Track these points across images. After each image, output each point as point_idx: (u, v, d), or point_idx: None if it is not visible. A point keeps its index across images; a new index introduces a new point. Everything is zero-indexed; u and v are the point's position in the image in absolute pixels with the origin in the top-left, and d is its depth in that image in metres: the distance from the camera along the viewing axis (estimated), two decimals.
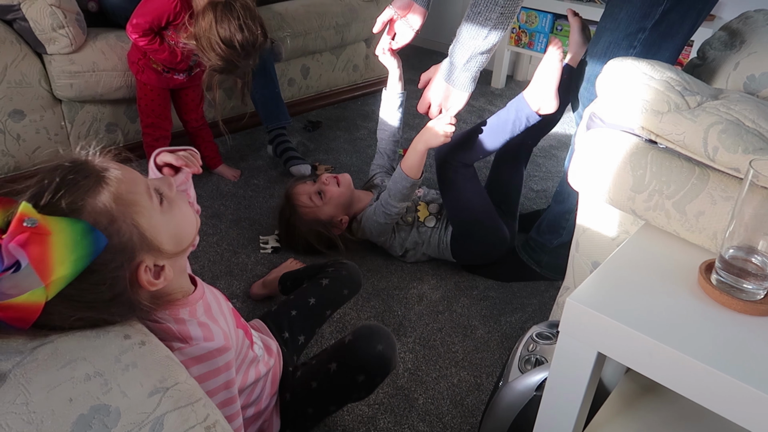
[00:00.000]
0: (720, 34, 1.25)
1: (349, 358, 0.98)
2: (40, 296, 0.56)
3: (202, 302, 0.80)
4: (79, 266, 0.58)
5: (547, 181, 2.12)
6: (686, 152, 0.81)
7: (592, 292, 0.72)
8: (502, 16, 1.17)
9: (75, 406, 0.52)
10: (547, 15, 2.78)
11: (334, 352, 1.01)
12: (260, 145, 2.26)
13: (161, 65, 1.73)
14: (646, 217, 0.85)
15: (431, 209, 1.62)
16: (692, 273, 0.76)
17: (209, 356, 0.75)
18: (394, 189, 1.48)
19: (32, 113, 1.80)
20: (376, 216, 1.53)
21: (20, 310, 0.55)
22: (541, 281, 1.59)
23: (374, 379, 0.99)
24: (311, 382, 1.00)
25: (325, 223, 1.58)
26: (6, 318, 0.56)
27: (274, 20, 2.25)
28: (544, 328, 1.00)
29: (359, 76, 2.79)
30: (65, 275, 0.57)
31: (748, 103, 0.81)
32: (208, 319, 0.79)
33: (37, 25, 1.68)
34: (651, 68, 0.86)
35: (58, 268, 0.56)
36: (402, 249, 1.60)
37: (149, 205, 0.68)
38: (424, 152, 1.46)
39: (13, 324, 0.56)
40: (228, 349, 0.78)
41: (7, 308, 0.55)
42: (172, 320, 0.74)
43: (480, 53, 1.24)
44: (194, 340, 0.74)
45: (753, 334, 0.67)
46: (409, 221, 1.59)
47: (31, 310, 0.56)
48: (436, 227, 1.59)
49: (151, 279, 0.67)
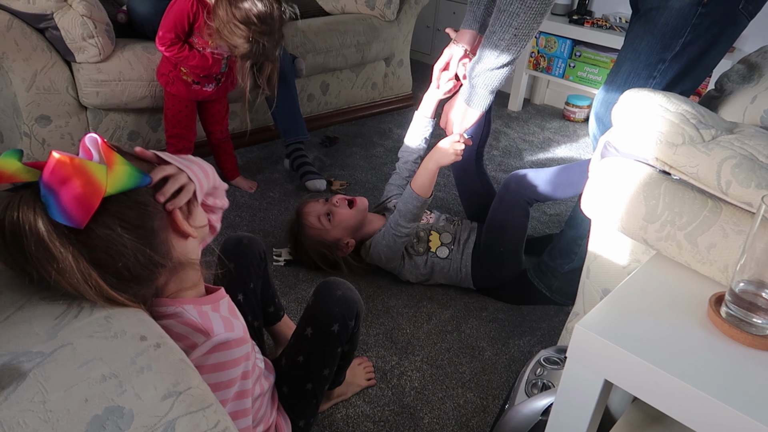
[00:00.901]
0: (738, 67, 1.26)
1: (317, 316, 1.03)
2: (103, 175, 0.63)
3: (226, 301, 0.84)
4: (131, 181, 0.66)
5: (560, 206, 2.13)
6: (699, 185, 0.82)
7: (601, 319, 0.73)
8: (515, 38, 1.20)
9: (90, 406, 0.54)
10: (566, 41, 2.81)
11: (305, 320, 1.05)
12: (277, 158, 2.29)
13: (192, 76, 1.76)
14: (657, 247, 0.86)
15: (443, 239, 1.60)
16: (702, 305, 0.76)
17: (230, 345, 0.77)
18: (404, 209, 1.49)
19: (58, 119, 1.84)
20: (385, 240, 1.53)
21: (87, 180, 0.61)
22: (551, 306, 1.58)
23: (347, 323, 1.03)
24: (297, 357, 1.03)
25: (330, 245, 1.58)
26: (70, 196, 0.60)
27: (297, 37, 2.29)
28: (552, 353, 1.00)
29: (378, 94, 2.82)
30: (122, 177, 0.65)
31: (762, 138, 0.81)
32: (230, 314, 0.82)
33: (68, 34, 1.73)
34: (667, 100, 0.87)
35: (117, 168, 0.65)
36: (414, 278, 1.60)
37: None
38: (436, 171, 1.47)
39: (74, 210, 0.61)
40: (247, 341, 0.81)
41: (77, 172, 0.61)
42: (196, 313, 0.76)
43: (489, 70, 1.26)
44: (215, 332, 0.76)
45: (761, 368, 0.67)
46: (421, 251, 1.58)
47: (95, 187, 0.62)
48: (449, 258, 1.58)
49: (186, 225, 0.74)
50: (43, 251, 0.61)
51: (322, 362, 1.04)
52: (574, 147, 2.67)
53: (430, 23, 3.62)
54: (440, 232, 1.62)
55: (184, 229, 0.74)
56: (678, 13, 1.21)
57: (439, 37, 3.64)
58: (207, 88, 1.81)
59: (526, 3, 1.15)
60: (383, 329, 1.45)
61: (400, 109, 2.93)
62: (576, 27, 2.74)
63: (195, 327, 0.75)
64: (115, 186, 0.64)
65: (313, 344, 1.03)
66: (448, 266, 1.58)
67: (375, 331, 1.44)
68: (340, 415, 1.20)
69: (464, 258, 1.57)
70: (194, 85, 1.79)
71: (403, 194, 1.52)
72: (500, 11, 1.19)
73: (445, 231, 1.63)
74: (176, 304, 0.75)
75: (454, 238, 1.61)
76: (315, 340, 1.03)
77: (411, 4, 2.71)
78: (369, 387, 1.27)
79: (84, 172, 0.61)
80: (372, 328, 1.45)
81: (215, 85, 1.83)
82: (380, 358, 1.35)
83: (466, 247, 1.59)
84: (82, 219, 0.61)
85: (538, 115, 3.04)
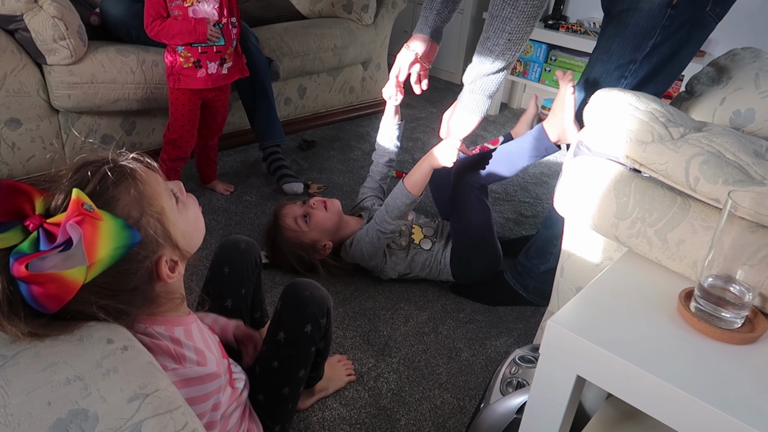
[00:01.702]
0: (708, 69, 1.28)
1: (288, 320, 1.02)
2: (81, 275, 0.60)
3: (197, 326, 0.82)
4: (117, 255, 0.62)
5: (536, 207, 2.15)
6: (669, 182, 0.83)
7: (573, 315, 0.73)
8: (509, 42, 1.21)
9: (53, 409, 0.53)
10: (541, 45, 2.84)
11: (276, 324, 1.03)
12: (254, 161, 2.27)
13: (190, 53, 1.68)
14: (629, 244, 0.87)
15: (426, 232, 1.63)
16: (672, 300, 0.77)
17: (201, 380, 0.76)
18: (392, 205, 1.49)
19: (29, 122, 1.81)
20: (368, 236, 1.54)
21: (61, 284, 0.59)
22: (527, 306, 1.59)
23: (319, 321, 1.03)
24: (272, 363, 1.01)
25: (308, 247, 1.57)
26: (43, 293, 0.58)
27: (273, 40, 2.28)
28: (527, 351, 1.00)
29: (355, 98, 2.82)
30: (105, 261, 0.61)
31: (729, 136, 0.83)
32: (203, 345, 0.80)
33: (38, 35, 1.70)
34: (636, 99, 0.89)
35: (102, 252, 0.61)
36: (395, 273, 1.61)
37: (169, 203, 0.74)
38: (429, 171, 1.48)
39: (45, 302, 0.59)
40: (219, 375, 0.80)
41: (50, 280, 0.58)
42: (168, 338, 0.75)
43: (485, 75, 1.27)
44: (188, 362, 0.75)
45: (730, 362, 0.68)
46: (403, 245, 1.59)
47: (70, 288, 0.59)
48: (432, 250, 1.60)
49: (168, 272, 0.72)
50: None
51: (297, 364, 1.03)
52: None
53: (407, 28, 3.64)
54: (422, 226, 1.65)
55: (165, 277, 0.72)
56: (648, 15, 1.23)
57: None
58: (211, 69, 1.73)
59: (518, 7, 1.15)
60: (360, 331, 1.44)
61: (377, 113, 2.93)
62: (551, 32, 2.78)
63: (167, 351, 0.74)
64: (95, 274, 0.61)
65: (287, 348, 1.02)
66: (430, 258, 1.59)
67: (352, 334, 1.43)
68: (316, 417, 1.19)
69: (445, 251, 1.59)
70: (199, 69, 1.71)
71: (393, 190, 1.52)
72: (493, 17, 1.20)
73: (427, 226, 1.65)
74: (147, 323, 0.74)
75: (437, 232, 1.63)
76: (289, 343, 1.01)
77: (388, 8, 2.71)
78: (346, 388, 1.26)
79: (59, 279, 0.59)
80: (349, 331, 1.44)
81: (219, 64, 1.74)
82: (357, 360, 1.34)
83: (448, 242, 1.61)
84: (53, 310, 0.60)
85: (515, 118, 3.07)
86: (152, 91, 1.96)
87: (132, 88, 1.91)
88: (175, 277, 0.73)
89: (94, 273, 0.61)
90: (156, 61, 1.94)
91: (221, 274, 1.12)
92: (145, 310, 0.73)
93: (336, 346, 1.38)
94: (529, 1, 1.14)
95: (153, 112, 2.08)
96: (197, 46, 1.69)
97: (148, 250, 0.69)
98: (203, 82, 1.74)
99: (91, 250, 0.60)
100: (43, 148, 1.86)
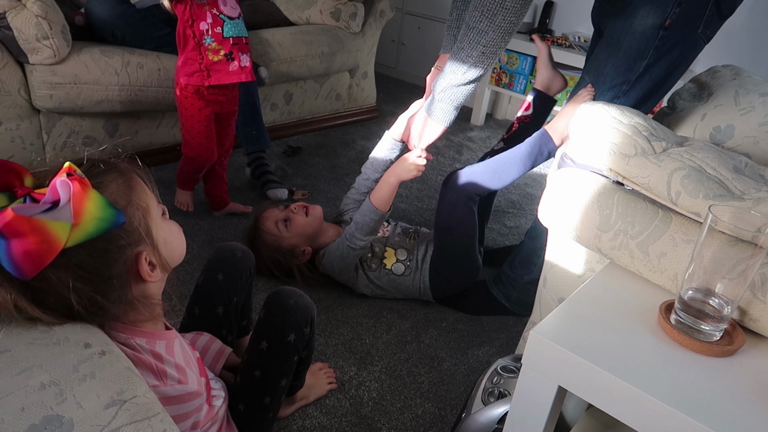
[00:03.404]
0: (689, 86, 1.31)
1: (271, 329, 1.01)
2: (65, 233, 0.59)
3: (179, 342, 0.81)
4: (101, 227, 0.62)
5: (520, 218, 2.16)
6: (651, 195, 0.84)
7: (555, 325, 0.74)
8: (483, 55, 1.21)
9: (26, 415, 0.51)
10: (527, 57, 2.87)
11: (258, 334, 1.02)
12: (238, 166, 2.26)
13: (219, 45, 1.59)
14: (611, 256, 0.87)
15: (399, 255, 1.58)
16: (653, 312, 0.78)
17: (182, 399, 0.75)
18: (361, 221, 1.48)
19: (9, 121, 1.78)
20: (339, 251, 1.52)
21: (43, 239, 0.58)
22: (510, 316, 1.60)
23: (303, 330, 1.02)
24: (254, 372, 1.00)
25: (285, 251, 1.56)
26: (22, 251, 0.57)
27: (261, 45, 2.28)
28: (509, 362, 1.01)
29: (341, 105, 2.82)
30: (88, 228, 0.61)
31: (710, 151, 0.84)
32: (184, 362, 0.79)
33: (21, 34, 1.67)
34: (620, 113, 0.90)
35: (87, 216, 0.60)
36: (370, 291, 1.58)
37: (155, 205, 0.75)
38: (396, 185, 1.47)
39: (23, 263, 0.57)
40: (200, 394, 0.79)
41: (33, 231, 0.57)
42: (149, 352, 0.73)
43: (456, 86, 1.27)
44: (169, 379, 0.74)
45: (708, 374, 0.69)
46: (373, 267, 1.56)
47: (51, 245, 0.58)
48: (406, 275, 1.57)
49: (147, 270, 0.71)
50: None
51: (279, 374, 1.01)
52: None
53: (395, 37, 3.66)
54: (395, 248, 1.60)
55: (145, 276, 0.71)
56: (641, 36, 1.25)
57: (404, 51, 3.67)
58: (244, 61, 1.65)
59: (495, 22, 1.16)
60: (342, 339, 1.43)
61: (363, 121, 2.93)
62: None
63: (149, 366, 0.72)
64: (77, 239, 0.61)
65: (269, 357, 1.00)
66: (405, 282, 1.57)
67: (334, 342, 1.42)
68: (296, 426, 1.17)
69: (423, 273, 1.56)
70: (231, 62, 1.62)
71: (361, 206, 1.51)
72: (469, 28, 1.20)
73: (401, 246, 1.60)
74: (128, 333, 0.72)
75: (410, 254, 1.59)
76: (271, 352, 1.00)
77: (376, 17, 2.72)
78: (327, 397, 1.25)
79: (42, 230, 0.58)
80: (331, 339, 1.43)
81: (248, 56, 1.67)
82: (338, 369, 1.33)
83: (424, 262, 1.57)
84: (29, 273, 0.59)
85: (500, 129, 3.09)
86: (136, 93, 1.94)
87: (116, 89, 1.89)
88: (153, 278, 0.72)
89: (76, 237, 0.60)
90: (141, 63, 1.93)
91: (215, 281, 1.10)
92: (120, 313, 0.71)
93: (318, 353, 1.37)
94: (506, 17, 1.15)
95: (137, 114, 2.06)
96: (229, 37, 1.61)
97: (130, 239, 0.68)
98: (237, 76, 1.66)
99: (78, 209, 0.60)
100: (23, 148, 1.83)
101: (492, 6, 1.14)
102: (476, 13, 1.17)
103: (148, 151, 2.14)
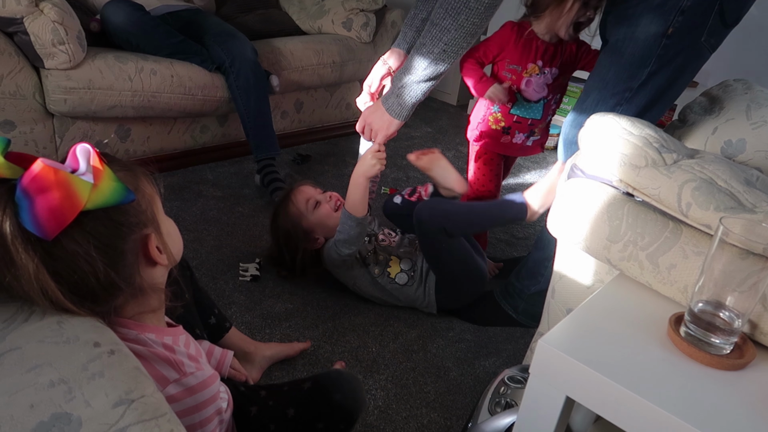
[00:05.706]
0: (701, 99, 1.30)
1: (305, 406, 0.96)
2: (86, 191, 0.60)
3: (186, 337, 0.81)
4: (116, 197, 0.63)
5: (528, 229, 2.15)
6: (661, 206, 0.84)
7: (564, 336, 0.74)
8: (443, 53, 1.21)
9: (36, 412, 0.52)
10: None
11: (292, 398, 0.98)
12: (248, 173, 2.27)
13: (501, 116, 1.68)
14: (620, 267, 0.87)
15: (403, 265, 1.58)
16: (662, 324, 0.77)
17: (204, 385, 0.75)
18: (343, 233, 1.46)
19: (23, 125, 1.80)
20: (331, 252, 1.52)
21: (66, 194, 0.59)
22: (517, 327, 1.59)
23: (337, 425, 0.97)
24: (269, 425, 0.97)
25: (300, 231, 1.55)
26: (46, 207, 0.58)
27: (272, 54, 2.30)
28: (516, 372, 1.00)
29: (351, 114, 2.84)
30: (106, 194, 0.63)
31: (721, 164, 0.84)
32: (195, 353, 0.80)
33: (37, 39, 1.70)
34: (631, 124, 0.90)
35: (105, 182, 0.63)
36: (372, 291, 1.57)
37: (160, 203, 0.77)
38: (365, 184, 1.45)
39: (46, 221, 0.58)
40: (217, 377, 0.79)
41: (58, 185, 0.58)
42: (161, 345, 0.74)
43: (415, 82, 1.27)
44: (188, 368, 0.74)
45: (718, 387, 0.68)
46: (376, 273, 1.56)
47: (73, 203, 0.60)
48: (409, 285, 1.56)
49: (156, 252, 0.72)
50: (3, 254, 0.59)
51: None
52: (543, 173, 2.71)
53: None
54: (401, 257, 1.60)
55: (155, 257, 0.72)
56: (644, 44, 1.25)
57: None
58: (517, 139, 1.71)
59: (458, 21, 1.16)
60: (349, 347, 1.43)
61: None
62: None
63: (165, 359, 0.73)
64: (95, 202, 0.62)
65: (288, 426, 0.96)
66: (408, 292, 1.56)
67: (341, 349, 1.42)
68: None
69: (427, 287, 1.55)
70: (505, 135, 1.70)
71: (340, 219, 1.49)
72: (432, 24, 1.20)
73: (406, 257, 1.60)
74: (138, 329, 0.73)
75: (414, 264, 1.58)
76: (293, 423, 0.96)
77: (387, 27, 2.74)
78: None
79: (66, 185, 0.59)
80: (338, 346, 1.43)
81: (526, 136, 1.71)
82: None
83: (429, 275, 1.56)
84: (52, 231, 0.59)
85: None
86: (149, 99, 1.96)
87: (129, 95, 1.91)
88: (161, 260, 0.73)
89: (95, 200, 0.61)
90: (154, 70, 1.95)
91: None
92: (128, 299, 0.71)
93: (324, 361, 1.37)
94: (470, 17, 1.15)
95: (149, 120, 2.08)
96: (514, 113, 1.67)
97: (140, 219, 0.70)
98: (503, 148, 1.74)
99: (97, 174, 0.62)
100: (36, 151, 1.85)
101: (456, 5, 1.14)
102: (441, 10, 1.17)
103: (159, 157, 2.15)
